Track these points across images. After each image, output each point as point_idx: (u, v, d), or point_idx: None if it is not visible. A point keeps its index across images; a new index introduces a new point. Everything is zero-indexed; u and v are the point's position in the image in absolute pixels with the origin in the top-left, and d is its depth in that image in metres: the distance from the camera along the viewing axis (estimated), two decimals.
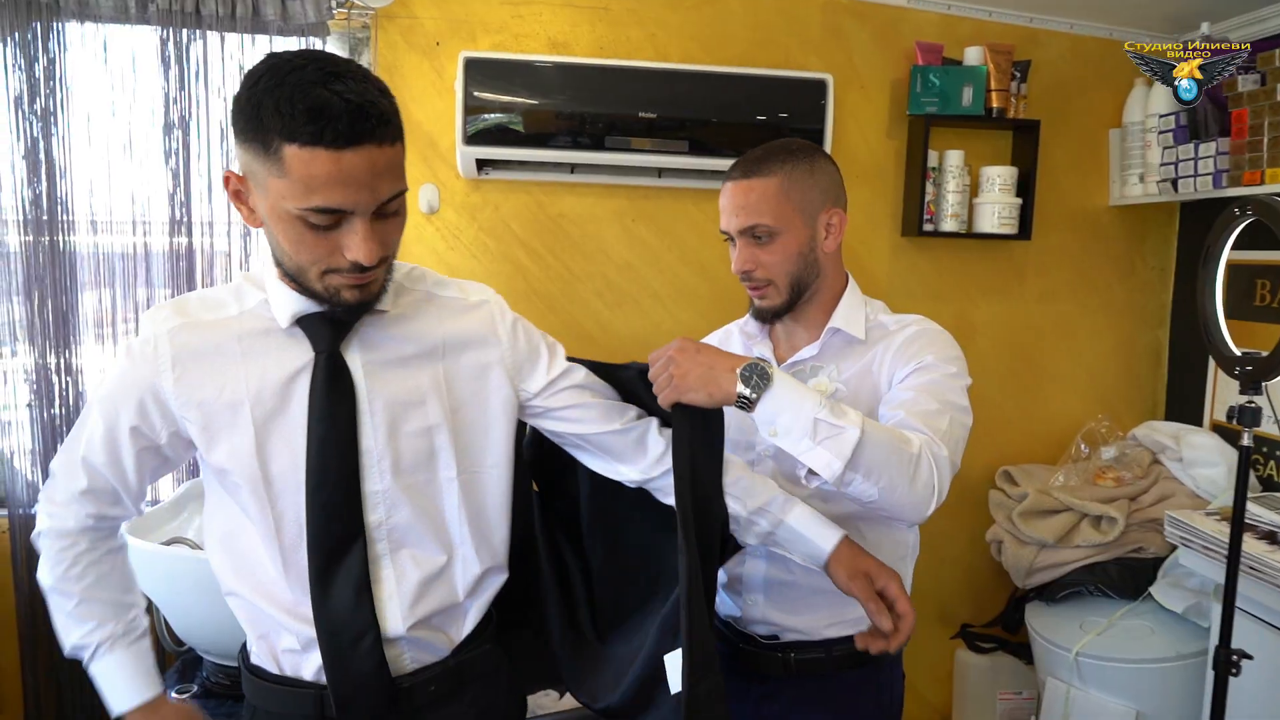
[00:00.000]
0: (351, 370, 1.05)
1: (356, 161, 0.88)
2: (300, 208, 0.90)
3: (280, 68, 0.89)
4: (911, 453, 1.07)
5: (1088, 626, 2.10)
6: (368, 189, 0.90)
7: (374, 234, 0.93)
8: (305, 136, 0.86)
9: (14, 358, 2.09)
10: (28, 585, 2.13)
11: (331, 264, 0.94)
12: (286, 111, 0.86)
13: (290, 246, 0.94)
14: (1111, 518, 2.14)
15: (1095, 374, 2.51)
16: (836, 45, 2.28)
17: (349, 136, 0.87)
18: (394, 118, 0.92)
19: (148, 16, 1.99)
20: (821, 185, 1.29)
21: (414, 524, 1.09)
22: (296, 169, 0.88)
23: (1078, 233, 2.44)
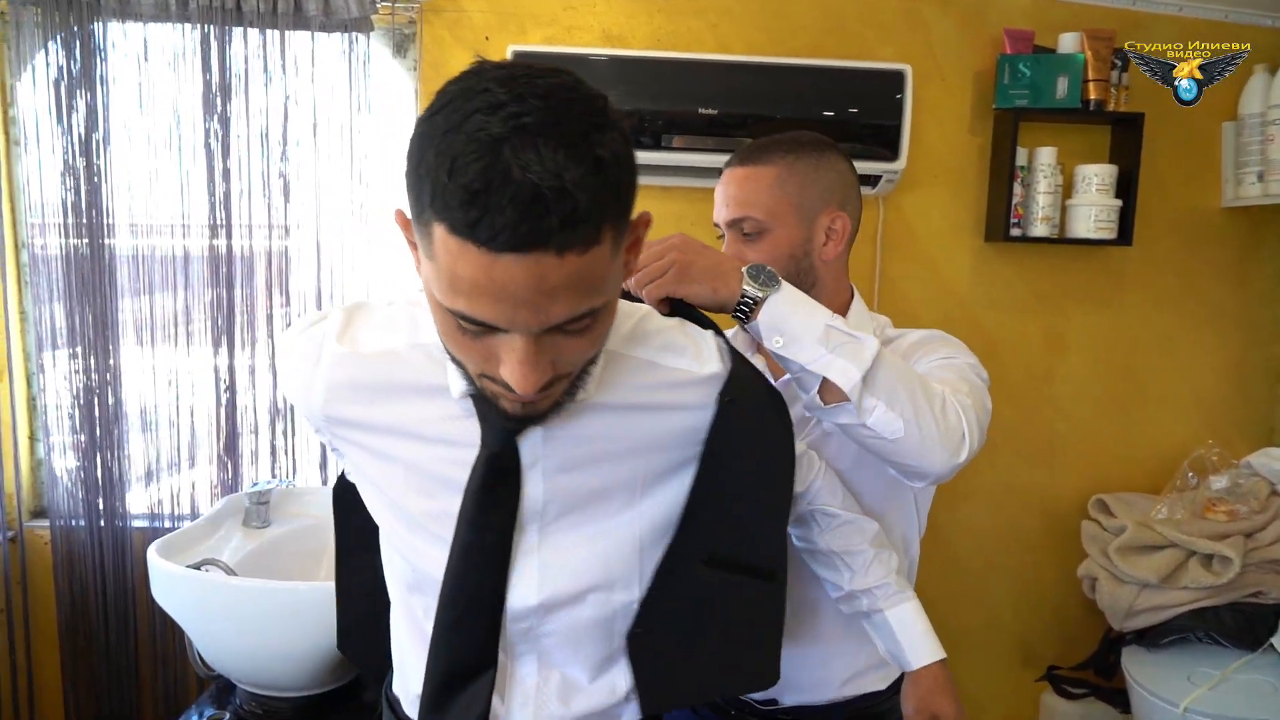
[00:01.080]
0: (523, 467, 0.82)
1: (516, 274, 0.62)
2: (445, 304, 0.67)
3: (467, 96, 0.63)
4: (935, 389, 0.94)
5: (1197, 679, 1.88)
6: (529, 308, 0.64)
7: (539, 355, 0.68)
8: (456, 222, 0.61)
9: (54, 367, 2.05)
10: (69, 596, 2.09)
11: (487, 370, 0.71)
12: (442, 178, 0.61)
13: (442, 335, 0.72)
14: (1225, 557, 1.91)
15: (1202, 395, 2.27)
16: (915, 34, 2.10)
17: (511, 238, 0.60)
18: (596, 207, 0.62)
19: (188, 14, 1.92)
20: (825, 183, 1.15)
21: (565, 646, 0.88)
22: (443, 258, 0.64)
23: (1184, 238, 2.21)
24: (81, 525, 2.07)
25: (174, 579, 1.61)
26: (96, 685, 2.12)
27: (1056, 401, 2.24)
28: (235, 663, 1.71)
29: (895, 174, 1.99)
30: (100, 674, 2.11)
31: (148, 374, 2.07)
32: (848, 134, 1.96)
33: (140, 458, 2.11)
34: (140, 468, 2.11)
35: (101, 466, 2.05)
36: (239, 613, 1.59)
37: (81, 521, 2.07)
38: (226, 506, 1.96)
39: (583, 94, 0.65)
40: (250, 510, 1.92)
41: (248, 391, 2.07)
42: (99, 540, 2.07)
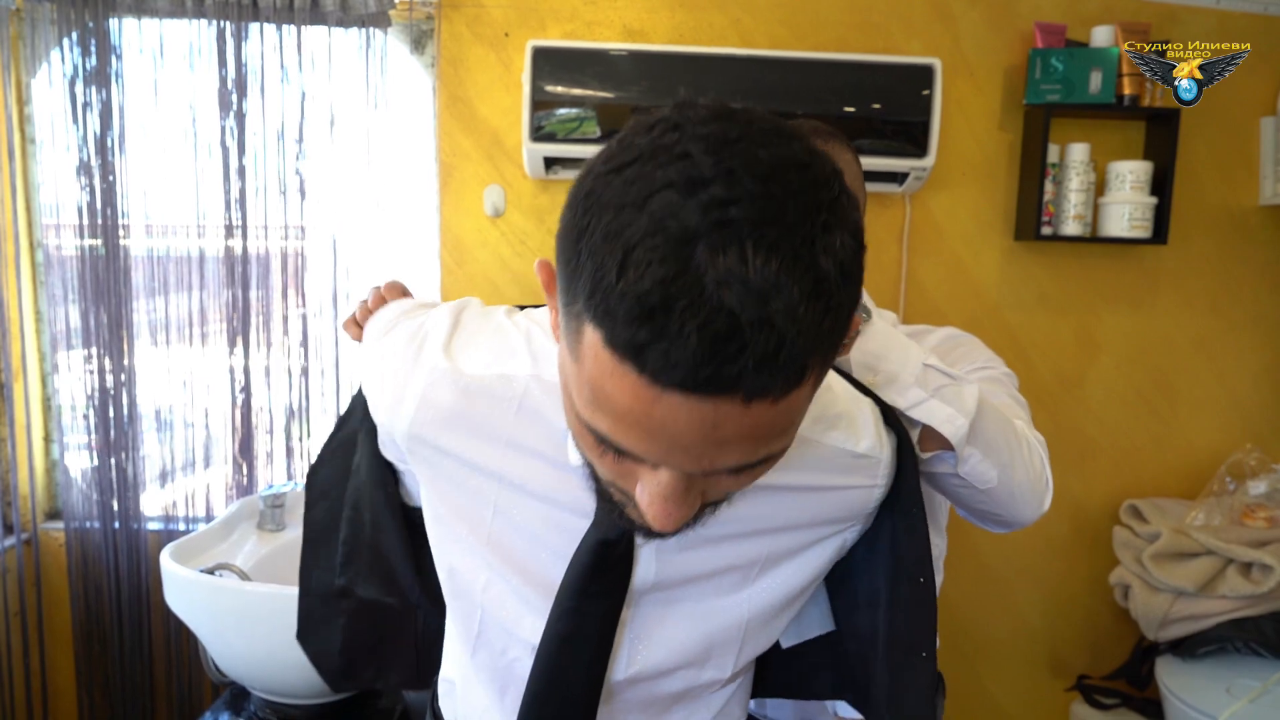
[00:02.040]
0: (636, 546, 0.72)
1: (682, 417, 0.49)
2: (584, 415, 0.54)
3: (659, 158, 0.48)
4: (1021, 431, 0.86)
5: (1236, 691, 1.82)
6: (690, 455, 0.51)
7: (688, 492, 0.55)
8: (618, 338, 0.47)
9: (69, 368, 2.03)
10: (83, 599, 2.07)
11: (621, 484, 0.58)
12: (609, 274, 0.47)
13: (574, 434, 0.58)
14: (1265, 565, 1.85)
15: (1239, 398, 2.20)
16: (943, 28, 2.05)
17: (688, 378, 0.47)
18: (807, 350, 0.47)
19: (204, 9, 1.89)
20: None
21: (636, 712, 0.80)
22: (591, 368, 0.50)
23: (1221, 237, 2.15)
24: (96, 527, 2.05)
25: (187, 584, 1.58)
26: (110, 689, 2.10)
27: (1087, 404, 2.18)
28: (249, 669, 1.68)
29: (924, 171, 1.94)
30: (114, 678, 2.09)
31: (163, 375, 2.05)
32: (874, 130, 1.91)
33: (155, 459, 2.09)
34: (155, 469, 2.09)
35: (116, 468, 2.03)
36: (253, 618, 1.56)
37: (96, 523, 2.05)
38: (241, 509, 1.93)
39: (814, 175, 0.49)
40: (265, 513, 1.89)
41: (263, 393, 2.05)
42: (113, 543, 2.04)
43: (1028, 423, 0.92)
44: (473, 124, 2.02)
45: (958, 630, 2.16)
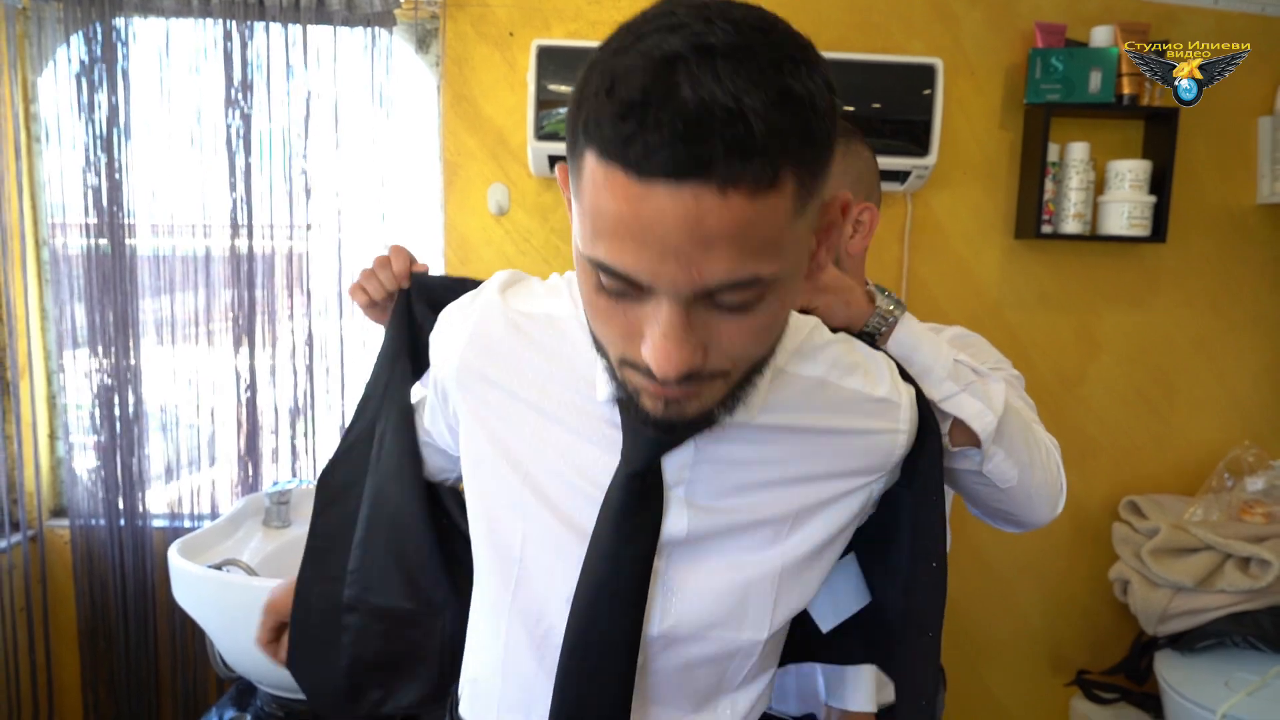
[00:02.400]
0: (666, 488, 0.73)
1: (668, 210, 0.52)
2: (587, 251, 0.57)
3: (648, 19, 0.55)
4: (1038, 433, 0.88)
5: (1235, 684, 1.83)
6: (679, 262, 0.54)
7: (688, 330, 0.57)
8: (606, 142, 0.52)
9: (75, 365, 2.04)
10: (89, 596, 2.07)
11: (628, 353, 0.60)
12: (601, 96, 0.53)
13: (584, 302, 0.62)
14: (1263, 560, 1.86)
15: (1238, 395, 2.22)
16: (944, 28, 2.06)
17: (669, 162, 0.50)
18: (776, 146, 0.51)
19: (210, 8, 1.90)
20: (854, 173, 1.11)
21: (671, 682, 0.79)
22: (589, 192, 0.55)
23: (1219, 235, 2.17)
24: (101, 524, 2.06)
25: (195, 579, 1.59)
26: (116, 685, 2.10)
27: (1087, 402, 2.19)
28: (256, 664, 1.69)
29: (925, 169, 1.95)
30: (119, 674, 2.10)
31: (168, 373, 2.06)
32: (876, 129, 1.93)
33: (160, 457, 2.10)
34: (160, 467, 2.10)
35: (121, 465, 2.04)
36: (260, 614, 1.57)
37: (101, 521, 2.06)
38: (247, 506, 1.94)
39: (785, 31, 0.55)
40: (271, 510, 1.90)
41: (268, 390, 2.06)
42: (119, 539, 2.05)
43: (1040, 425, 0.92)
44: (477, 123, 2.04)
45: (959, 626, 2.17)
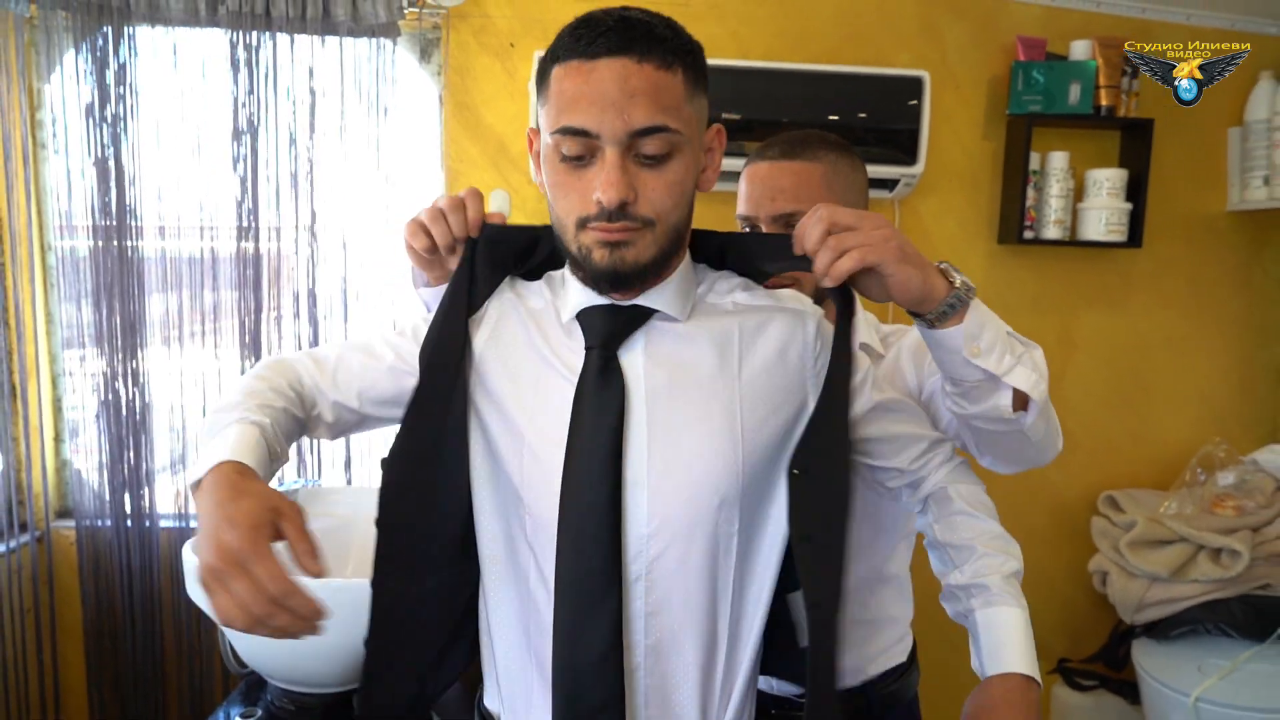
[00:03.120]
0: (626, 388, 0.87)
1: (606, 75, 0.80)
2: (552, 132, 0.83)
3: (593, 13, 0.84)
4: None
5: (1207, 669, 1.93)
6: (615, 110, 0.79)
7: (623, 170, 0.81)
8: (565, 50, 0.82)
9: (81, 367, 2.07)
10: (94, 596, 2.10)
11: (584, 211, 0.84)
12: (563, 35, 0.83)
13: (552, 192, 0.87)
14: (1234, 551, 1.96)
15: (1209, 393, 2.32)
16: (931, 41, 2.14)
17: (606, 46, 0.80)
18: (670, 43, 0.82)
19: (218, 19, 1.94)
20: (859, 186, 1.18)
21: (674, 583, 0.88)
22: (554, 88, 0.83)
23: (1191, 241, 2.26)
24: (107, 525, 2.09)
25: None
26: (122, 684, 2.13)
27: (1067, 400, 2.28)
28: (268, 659, 1.73)
29: (913, 178, 2.03)
30: (125, 673, 2.13)
31: (174, 375, 2.09)
32: (865, 138, 2.00)
33: (166, 458, 2.13)
34: (166, 468, 2.13)
35: (127, 467, 2.07)
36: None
37: (107, 521, 2.08)
38: None
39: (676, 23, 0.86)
40: None
41: None
42: (124, 540, 2.08)
43: None
44: (478, 130, 2.09)
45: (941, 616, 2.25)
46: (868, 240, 0.83)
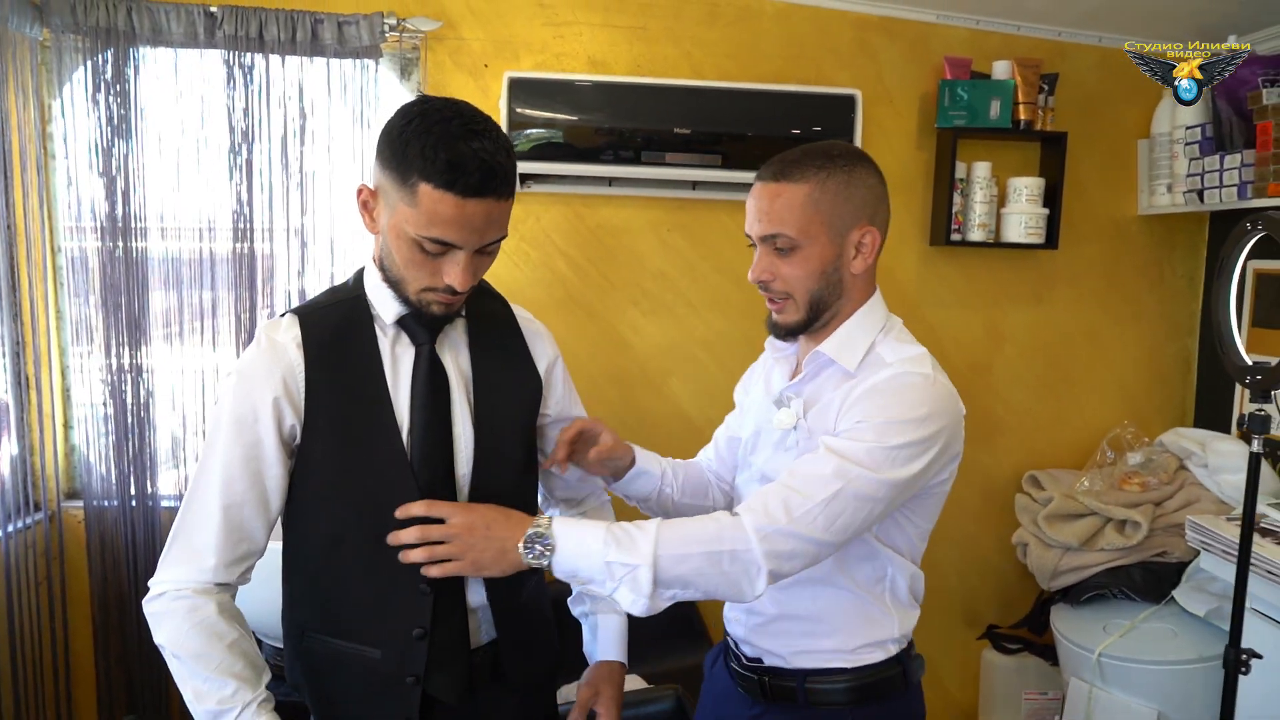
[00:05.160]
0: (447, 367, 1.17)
1: (476, 210, 1.02)
2: (419, 234, 1.04)
3: (431, 115, 1.02)
4: (723, 551, 1.05)
5: (1111, 629, 2.14)
6: (477, 233, 1.04)
7: (471, 266, 1.07)
8: (440, 181, 1.00)
9: (88, 359, 2.25)
10: (101, 571, 2.28)
11: (430, 284, 1.08)
12: (430, 156, 1.00)
13: (401, 260, 1.08)
14: (1136, 522, 2.18)
15: (1125, 381, 2.54)
16: (867, 61, 2.35)
17: (476, 190, 1.01)
18: (513, 178, 1.06)
19: (215, 41, 2.13)
20: (858, 199, 1.15)
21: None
22: (425, 204, 1.02)
23: (1106, 242, 2.48)
24: (113, 505, 2.27)
25: None
26: (127, 653, 2.32)
27: (995, 388, 2.50)
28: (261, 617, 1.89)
29: None
30: (131, 642, 2.31)
31: (174, 367, 2.28)
32: None
33: (168, 443, 2.32)
34: (167, 452, 2.32)
35: (131, 451, 2.25)
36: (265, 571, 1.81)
37: (114, 502, 2.27)
38: None
39: (486, 117, 1.07)
40: None
41: None
42: (129, 519, 2.27)
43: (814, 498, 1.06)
44: None
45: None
46: (442, 555, 1.06)
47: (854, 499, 1.07)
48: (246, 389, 1.10)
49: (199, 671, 1.06)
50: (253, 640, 1.13)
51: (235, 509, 1.10)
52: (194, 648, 1.07)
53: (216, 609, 1.09)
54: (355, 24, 2.15)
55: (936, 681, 2.60)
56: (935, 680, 2.60)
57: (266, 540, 1.14)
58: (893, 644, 1.22)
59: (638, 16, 2.29)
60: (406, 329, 1.15)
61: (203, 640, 1.07)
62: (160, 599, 1.09)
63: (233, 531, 1.10)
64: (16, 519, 2.15)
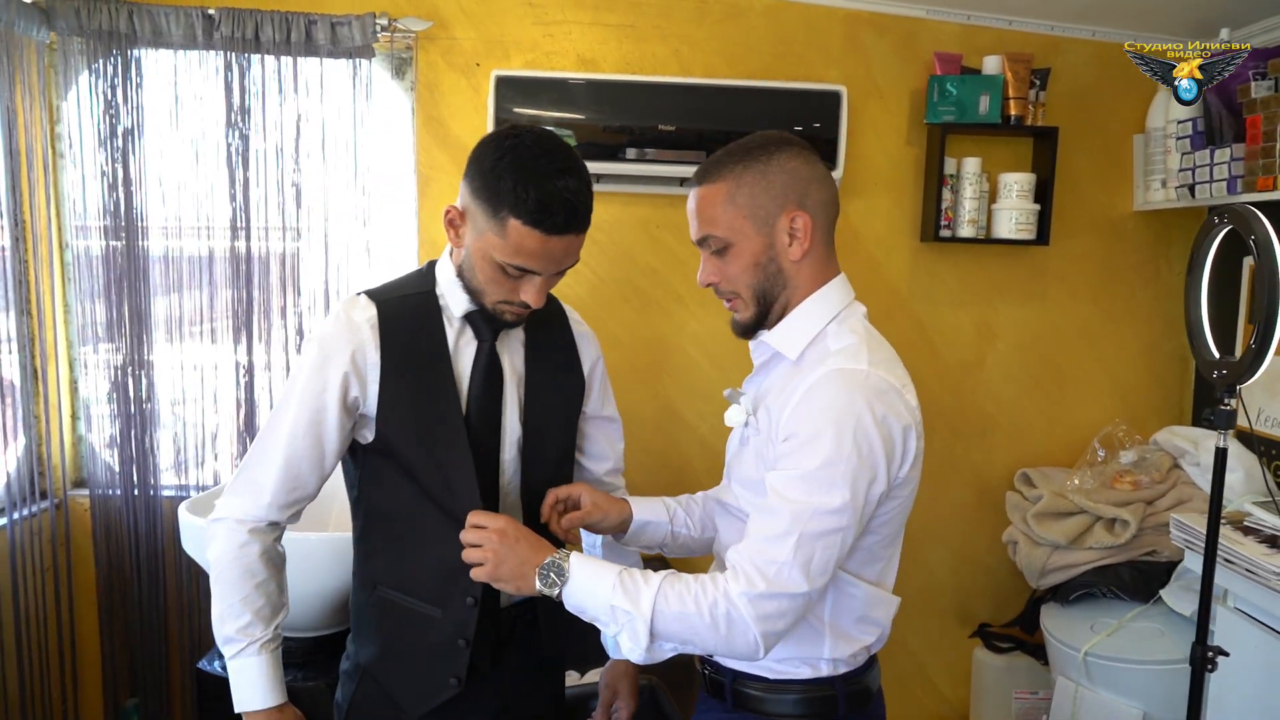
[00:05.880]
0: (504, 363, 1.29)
1: (559, 245, 1.14)
2: (504, 261, 1.15)
3: (523, 151, 1.12)
4: (718, 615, 1.04)
5: (1099, 628, 2.13)
6: (556, 262, 1.17)
7: (546, 287, 1.20)
8: (529, 220, 1.11)
9: (95, 353, 2.33)
10: (106, 557, 2.36)
11: (508, 298, 1.19)
12: (521, 195, 1.10)
13: (483, 278, 1.19)
14: (1125, 521, 2.15)
15: (1119, 379, 2.51)
16: (856, 57, 2.35)
17: (561, 228, 1.12)
18: (591, 210, 1.17)
19: (213, 42, 2.19)
20: (778, 186, 1.12)
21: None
22: (514, 237, 1.12)
23: (1101, 238, 2.46)
24: (117, 494, 2.34)
25: (201, 531, 1.87)
26: (130, 635, 2.39)
27: (987, 385, 2.49)
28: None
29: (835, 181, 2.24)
30: (134, 625, 2.38)
31: (176, 362, 2.35)
32: None
33: (169, 435, 2.39)
34: (169, 444, 2.39)
35: (135, 442, 2.32)
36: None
37: (117, 491, 2.34)
38: None
39: (572, 153, 1.17)
40: None
41: (264, 375, 2.34)
42: (132, 508, 2.34)
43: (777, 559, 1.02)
44: (447, 141, 2.32)
45: None
46: (474, 560, 1.13)
47: (815, 539, 1.03)
48: (321, 360, 1.22)
49: (227, 596, 1.23)
50: (282, 582, 1.30)
51: (295, 461, 1.23)
52: (230, 577, 1.23)
53: (260, 551, 1.24)
54: (348, 24, 2.20)
55: (928, 680, 2.60)
56: (926, 678, 2.59)
57: (318, 489, 1.28)
58: (824, 664, 1.16)
59: (627, 15, 2.31)
60: (472, 325, 1.26)
61: (238, 573, 1.23)
62: (220, 524, 1.25)
63: (290, 479, 1.24)
64: (25, 506, 2.23)
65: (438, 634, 1.26)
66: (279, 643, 1.27)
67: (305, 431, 1.22)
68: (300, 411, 1.22)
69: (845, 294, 1.18)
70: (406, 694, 1.29)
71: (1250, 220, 1.38)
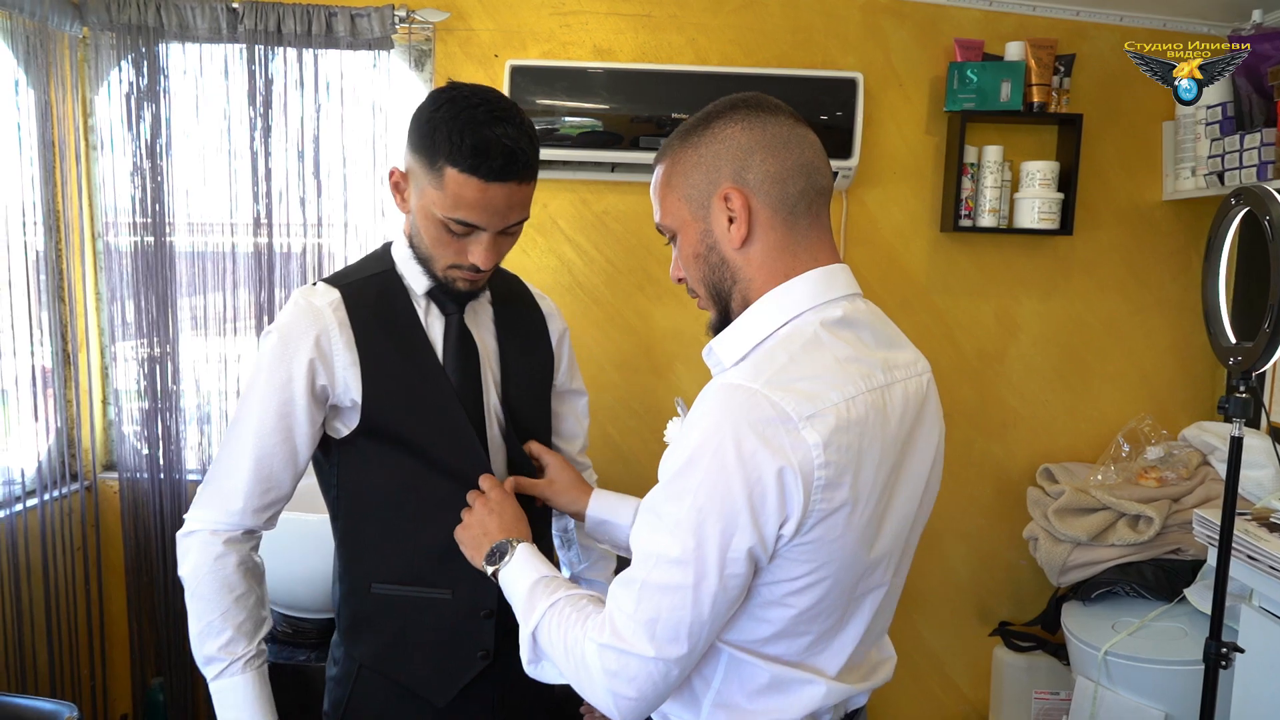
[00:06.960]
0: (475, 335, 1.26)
1: (499, 193, 1.09)
2: (445, 216, 1.11)
3: (459, 102, 1.08)
4: (575, 656, 0.90)
5: (1120, 627, 2.07)
6: (500, 215, 1.12)
7: (495, 247, 1.15)
8: (465, 165, 1.07)
9: (124, 342, 2.39)
10: (134, 538, 2.42)
11: (456, 261, 1.15)
12: (456, 141, 1.06)
13: (429, 239, 1.15)
14: (1149, 517, 2.10)
15: (1148, 373, 2.45)
16: (875, 44, 2.33)
17: (499, 174, 1.08)
18: (534, 162, 1.12)
19: (237, 35, 2.24)
20: (709, 159, 0.93)
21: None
22: (451, 187, 1.09)
23: (1128, 228, 2.40)
24: (145, 477, 2.41)
25: None
26: (156, 614, 2.45)
27: (1009, 379, 2.44)
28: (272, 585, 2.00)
29: (850, 170, 2.22)
30: (160, 605, 2.45)
31: (200, 351, 2.40)
32: None
33: (194, 421, 2.44)
34: (195, 429, 2.45)
35: (162, 427, 2.38)
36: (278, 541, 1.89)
37: (145, 474, 2.40)
38: None
39: (511, 103, 1.14)
40: None
41: None
42: (159, 490, 2.40)
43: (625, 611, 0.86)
44: None
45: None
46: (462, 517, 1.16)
47: (658, 593, 0.84)
48: (283, 350, 1.16)
49: (205, 613, 1.16)
50: (262, 594, 1.23)
51: (266, 460, 1.17)
52: (206, 592, 1.16)
53: (236, 562, 1.18)
54: (367, 16, 2.23)
55: (948, 679, 2.55)
56: (945, 677, 2.55)
57: (293, 488, 1.22)
58: None
59: (643, 4, 2.31)
60: (436, 300, 1.23)
61: (215, 587, 1.16)
62: (192, 536, 1.18)
63: (262, 480, 1.17)
64: (57, 488, 2.30)
65: (453, 615, 1.22)
66: (264, 659, 1.20)
67: (274, 428, 1.15)
68: (266, 407, 1.15)
69: (816, 292, 0.93)
70: (428, 682, 1.24)
71: (1266, 201, 1.33)
